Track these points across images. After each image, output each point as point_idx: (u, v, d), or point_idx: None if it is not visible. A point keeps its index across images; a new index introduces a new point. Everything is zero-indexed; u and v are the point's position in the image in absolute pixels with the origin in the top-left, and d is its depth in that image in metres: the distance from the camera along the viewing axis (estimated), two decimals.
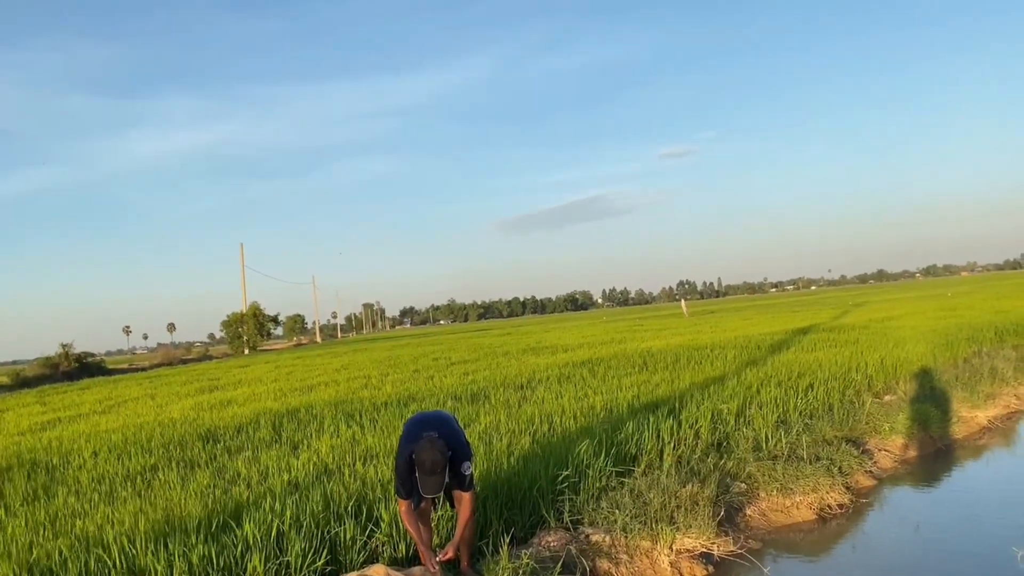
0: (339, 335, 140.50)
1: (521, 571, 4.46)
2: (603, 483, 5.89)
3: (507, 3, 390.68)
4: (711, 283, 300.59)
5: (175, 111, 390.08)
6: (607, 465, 6.09)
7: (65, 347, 42.83)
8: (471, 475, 4.28)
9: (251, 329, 60.63)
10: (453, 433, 4.25)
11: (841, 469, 6.60)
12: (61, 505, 6.32)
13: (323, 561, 4.52)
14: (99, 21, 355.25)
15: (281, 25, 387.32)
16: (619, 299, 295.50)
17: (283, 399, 13.37)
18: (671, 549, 5.09)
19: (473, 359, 19.96)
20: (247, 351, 58.55)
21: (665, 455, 6.57)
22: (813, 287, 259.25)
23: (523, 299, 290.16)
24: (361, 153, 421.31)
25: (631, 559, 5.02)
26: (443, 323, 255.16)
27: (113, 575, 4.46)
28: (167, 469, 7.56)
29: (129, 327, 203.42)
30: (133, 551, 4.67)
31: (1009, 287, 45.71)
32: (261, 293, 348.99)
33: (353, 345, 48.53)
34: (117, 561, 4.55)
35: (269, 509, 5.19)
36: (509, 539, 4.73)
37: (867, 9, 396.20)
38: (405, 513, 4.28)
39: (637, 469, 6.25)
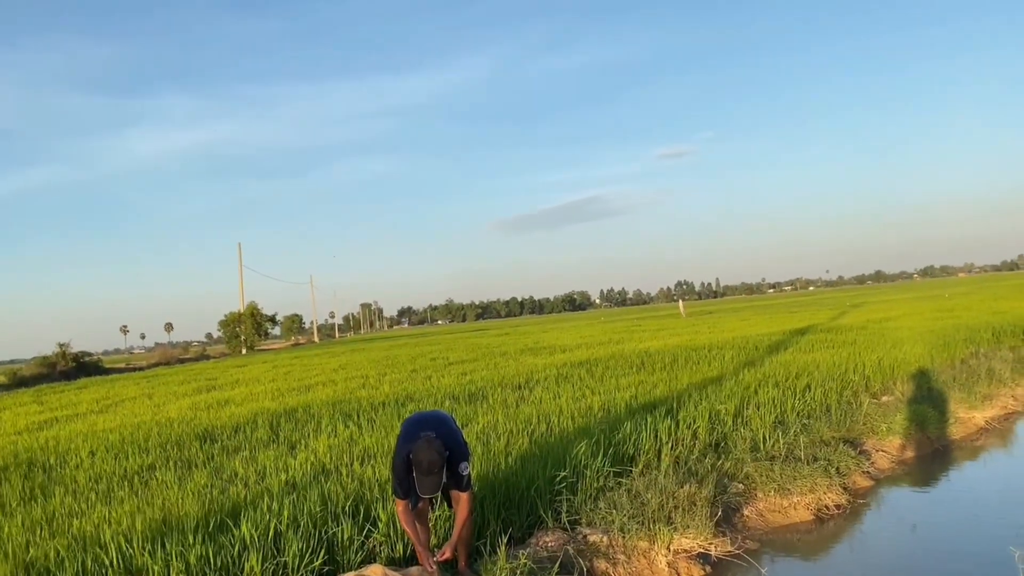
0: (337, 335, 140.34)
1: (519, 571, 4.46)
2: (601, 483, 5.89)
3: (507, 3, 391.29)
4: (709, 283, 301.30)
5: (174, 111, 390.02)
6: (605, 465, 6.09)
7: (62, 346, 42.70)
8: (469, 475, 4.28)
9: (249, 329, 60.53)
10: (451, 433, 4.25)
11: (839, 470, 6.61)
12: (58, 505, 6.30)
13: (320, 561, 4.52)
14: (98, 21, 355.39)
15: (280, 25, 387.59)
16: (617, 299, 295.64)
17: (280, 399, 13.35)
18: (668, 549, 5.09)
19: (471, 359, 19.95)
20: (244, 351, 58.45)
21: (663, 455, 6.56)
22: (811, 288, 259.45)
23: (521, 299, 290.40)
24: (360, 153, 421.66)
25: (628, 559, 5.02)
26: (441, 323, 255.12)
27: (110, 575, 4.46)
28: (164, 469, 7.55)
29: (126, 326, 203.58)
30: (130, 551, 4.66)
31: (1006, 288, 45.77)
32: (259, 293, 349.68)
33: (351, 345, 48.47)
34: (114, 561, 4.55)
35: (266, 509, 5.19)
36: (507, 539, 4.72)
37: (867, 9, 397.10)
38: (402, 513, 4.28)
39: (635, 469, 6.24)
